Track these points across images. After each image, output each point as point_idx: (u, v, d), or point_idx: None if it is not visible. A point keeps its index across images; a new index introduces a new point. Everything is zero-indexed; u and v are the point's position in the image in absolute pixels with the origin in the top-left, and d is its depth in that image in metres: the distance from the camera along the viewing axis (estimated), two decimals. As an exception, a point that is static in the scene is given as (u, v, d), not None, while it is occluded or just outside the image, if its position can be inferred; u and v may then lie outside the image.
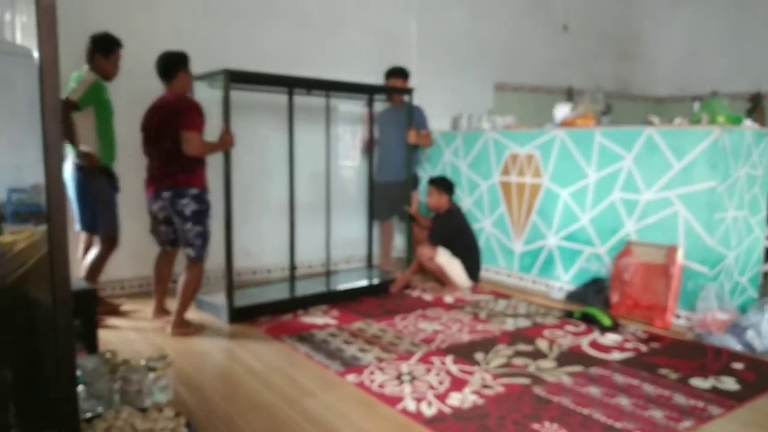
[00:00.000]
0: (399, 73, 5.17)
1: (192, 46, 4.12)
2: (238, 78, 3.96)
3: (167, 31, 4.55)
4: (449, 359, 3.18)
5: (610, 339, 3.55)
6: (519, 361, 3.18)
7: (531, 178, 4.84)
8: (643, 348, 3.41)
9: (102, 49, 3.76)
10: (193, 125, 3.50)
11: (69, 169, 3.70)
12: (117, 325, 3.81)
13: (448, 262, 4.67)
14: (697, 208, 3.79)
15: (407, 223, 5.14)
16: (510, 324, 3.84)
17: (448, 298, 4.46)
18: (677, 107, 7.16)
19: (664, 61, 8.07)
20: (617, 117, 6.14)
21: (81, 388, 2.41)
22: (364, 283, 4.77)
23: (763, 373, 3.03)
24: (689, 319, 3.79)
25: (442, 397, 2.70)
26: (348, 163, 5.67)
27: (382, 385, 2.83)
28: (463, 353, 3.28)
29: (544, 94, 6.91)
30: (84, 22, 3.96)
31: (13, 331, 1.79)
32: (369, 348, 3.36)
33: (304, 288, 4.51)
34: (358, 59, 5.55)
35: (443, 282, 4.75)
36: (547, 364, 3.14)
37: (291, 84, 4.52)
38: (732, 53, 7.33)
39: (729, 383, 2.89)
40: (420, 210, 5.20)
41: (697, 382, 2.90)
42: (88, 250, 3.92)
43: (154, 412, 2.33)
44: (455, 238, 4.78)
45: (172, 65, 3.62)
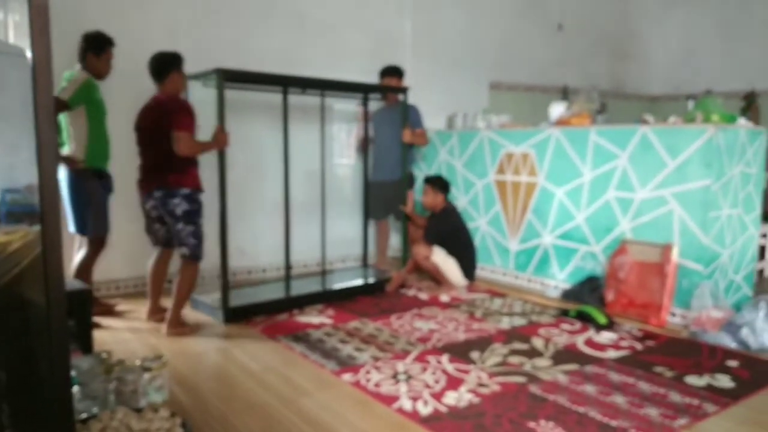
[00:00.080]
0: (393, 72, 5.16)
1: (187, 46, 4.11)
2: (232, 77, 3.95)
3: (162, 30, 4.54)
4: (445, 358, 3.18)
5: (606, 337, 3.56)
6: (515, 359, 3.18)
7: (526, 177, 4.85)
8: (638, 346, 3.42)
9: (94, 48, 3.74)
10: (183, 125, 3.51)
11: (62, 171, 3.68)
12: (112, 325, 3.80)
13: (443, 261, 4.67)
14: (691, 206, 3.80)
15: (403, 222, 5.14)
16: (506, 323, 3.84)
17: (444, 297, 4.47)
18: (672, 106, 7.18)
19: (658, 60, 8.09)
20: (612, 116, 6.14)
21: (76, 388, 2.40)
22: (359, 282, 4.77)
23: (757, 371, 3.04)
24: (684, 317, 3.80)
25: (438, 396, 2.70)
26: (343, 162, 5.67)
27: (378, 385, 2.83)
28: (459, 352, 3.28)
29: (539, 93, 6.93)
30: (77, 21, 3.94)
31: (7, 332, 1.78)
32: (365, 347, 3.36)
33: (300, 287, 4.51)
34: (354, 59, 5.55)
35: (439, 281, 4.75)
36: (543, 362, 3.14)
37: (285, 83, 4.51)
38: (726, 52, 7.36)
39: (724, 381, 2.91)
40: (416, 209, 5.20)
41: (692, 380, 2.91)
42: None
43: (150, 413, 2.32)
44: (451, 237, 4.78)
45: (164, 66, 3.62)
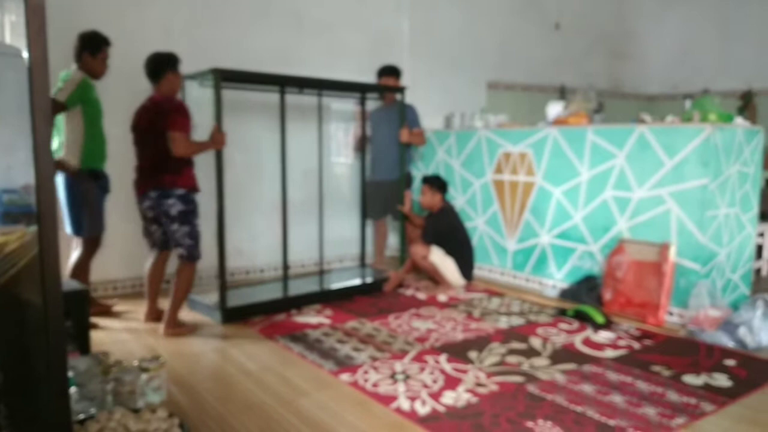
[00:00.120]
0: (391, 71, 5.16)
1: (184, 46, 4.11)
2: (229, 77, 3.95)
3: (159, 30, 4.54)
4: (443, 358, 3.18)
5: (603, 336, 3.56)
6: (513, 359, 3.18)
7: (524, 177, 4.85)
8: (636, 345, 3.42)
9: (90, 48, 3.72)
10: (178, 126, 3.51)
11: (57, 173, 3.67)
12: (109, 326, 3.79)
13: (441, 260, 4.67)
14: (689, 205, 3.81)
15: (400, 222, 5.14)
16: (503, 322, 3.85)
17: (442, 297, 4.47)
18: (669, 105, 7.20)
19: (655, 59, 8.10)
20: (609, 115, 6.15)
21: (73, 389, 2.40)
22: (357, 282, 4.76)
23: (755, 370, 3.04)
24: (682, 316, 3.81)
25: (436, 396, 2.70)
26: (341, 161, 5.66)
27: (376, 384, 2.83)
28: (457, 352, 3.28)
29: (536, 93, 6.94)
30: (73, 21, 3.93)
31: (5, 332, 1.78)
32: (363, 347, 3.36)
33: (297, 287, 4.50)
34: (351, 58, 5.55)
35: (437, 281, 4.76)
36: (541, 362, 3.15)
37: (282, 83, 4.50)
38: (723, 51, 7.37)
39: (721, 380, 2.91)
40: (413, 209, 5.20)
41: (690, 379, 2.91)
42: None
43: (147, 413, 2.32)
44: (448, 236, 4.78)
45: (160, 66, 3.63)
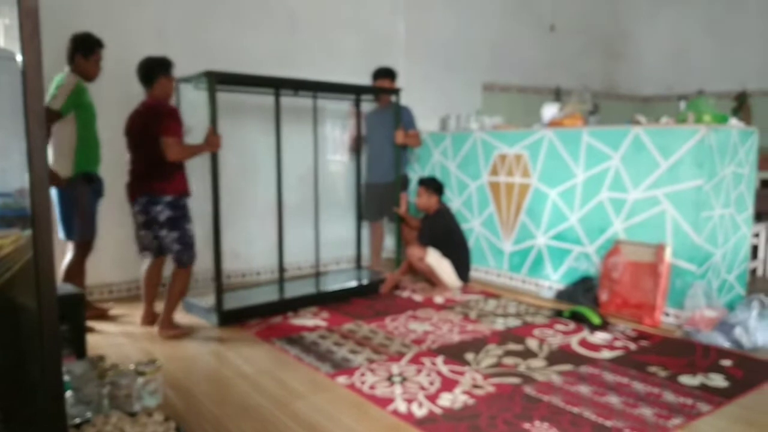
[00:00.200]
0: (386, 73, 5.16)
1: (178, 48, 4.11)
2: (223, 79, 3.95)
3: (153, 32, 4.52)
4: (440, 360, 3.18)
5: (600, 337, 3.57)
6: (509, 360, 3.18)
7: (519, 178, 4.85)
8: (632, 346, 3.43)
9: (82, 50, 3.70)
10: (170, 131, 3.52)
11: None
12: (105, 329, 3.78)
13: (438, 262, 4.67)
14: (684, 206, 3.81)
15: (396, 224, 5.14)
16: (500, 324, 3.85)
17: (438, 299, 4.47)
18: (664, 106, 7.21)
19: (650, 60, 8.12)
20: (604, 116, 6.16)
21: (69, 393, 2.39)
22: (353, 284, 4.76)
23: (750, 370, 3.05)
24: (678, 316, 3.81)
25: (433, 398, 2.70)
26: (337, 162, 5.64)
27: (372, 387, 2.83)
28: (454, 353, 3.28)
29: (531, 95, 6.94)
30: (68, 24, 3.89)
31: (0, 337, 1.77)
32: (359, 349, 3.36)
33: (294, 290, 4.50)
34: (347, 60, 5.55)
35: (433, 282, 4.75)
36: (537, 363, 3.15)
37: (277, 85, 4.51)
38: (718, 52, 7.40)
39: (717, 380, 2.92)
40: (409, 210, 5.20)
41: (686, 380, 2.91)
42: None
43: (144, 417, 2.32)
44: (445, 238, 4.78)
45: (152, 71, 3.64)
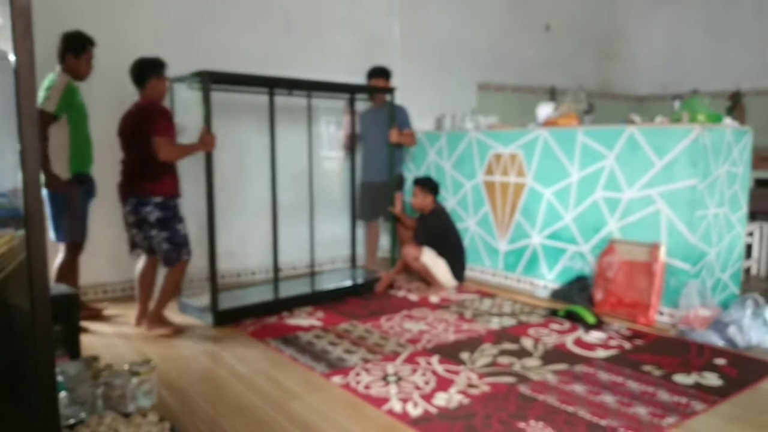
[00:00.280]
0: (381, 72, 5.16)
1: (173, 48, 4.10)
2: (218, 79, 3.94)
3: (147, 32, 4.50)
4: (435, 359, 3.18)
5: (595, 337, 3.57)
6: (504, 360, 3.19)
7: (515, 178, 4.86)
8: (626, 345, 3.43)
9: (73, 49, 3.68)
10: (162, 131, 3.53)
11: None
12: (100, 330, 3.77)
13: (433, 261, 4.67)
14: (678, 205, 3.82)
15: (391, 224, 5.14)
16: (495, 323, 3.85)
17: (434, 298, 4.47)
18: (658, 106, 7.23)
19: (645, 60, 8.14)
20: (599, 116, 6.18)
21: (63, 393, 2.38)
22: (348, 283, 4.76)
23: (744, 369, 3.06)
24: (672, 315, 3.82)
25: (428, 398, 2.70)
26: (332, 161, 5.62)
27: (368, 387, 2.83)
28: (449, 353, 3.28)
29: (527, 94, 6.95)
30: (61, 23, 3.85)
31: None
32: (355, 349, 3.36)
33: (289, 289, 4.50)
34: (342, 60, 5.54)
35: (429, 282, 4.76)
36: (533, 362, 3.15)
37: (271, 84, 4.50)
38: (712, 52, 7.41)
39: (712, 379, 2.92)
40: (405, 210, 5.20)
41: (681, 379, 2.92)
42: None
43: (138, 417, 2.31)
44: (440, 238, 4.78)
45: (144, 72, 3.64)
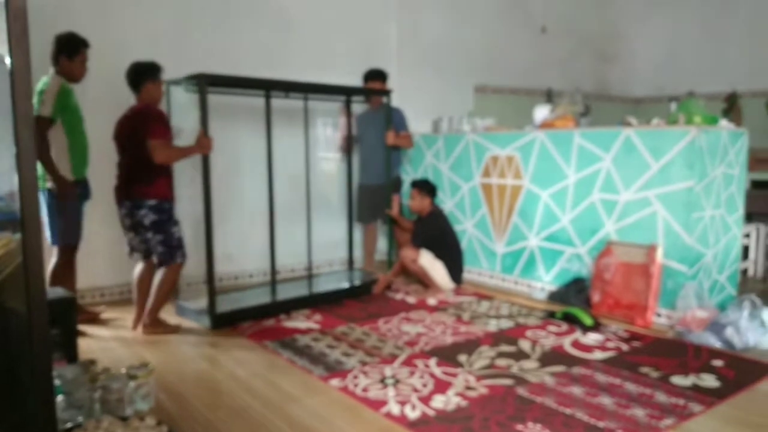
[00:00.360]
0: (377, 75, 5.16)
1: (169, 51, 4.09)
2: (214, 82, 3.94)
3: (144, 34, 4.49)
4: (433, 362, 3.18)
5: (592, 338, 3.58)
6: (502, 362, 3.19)
7: (512, 180, 4.86)
8: (624, 347, 3.44)
9: (67, 51, 3.66)
10: (157, 134, 3.55)
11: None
12: (97, 333, 3.76)
13: (431, 264, 4.67)
14: (675, 207, 3.83)
15: (389, 226, 5.14)
16: (493, 325, 3.85)
17: (431, 301, 4.47)
18: (655, 108, 7.25)
19: (641, 62, 8.16)
20: (596, 118, 6.18)
21: (61, 397, 2.38)
22: (346, 285, 4.75)
23: (742, 370, 3.06)
24: (669, 317, 3.83)
25: (426, 400, 2.70)
26: (329, 163, 5.61)
27: (365, 389, 2.83)
28: (447, 355, 3.28)
29: (523, 96, 6.96)
30: (57, 26, 3.83)
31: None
32: (352, 352, 3.35)
33: (286, 292, 4.50)
34: (339, 62, 5.54)
35: (426, 284, 4.75)
36: (530, 364, 3.15)
37: (268, 87, 4.50)
38: (708, 54, 7.43)
39: (709, 380, 2.93)
40: (402, 212, 5.20)
41: (678, 380, 2.92)
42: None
43: (136, 421, 2.31)
44: (438, 240, 4.78)
45: (139, 76, 3.66)
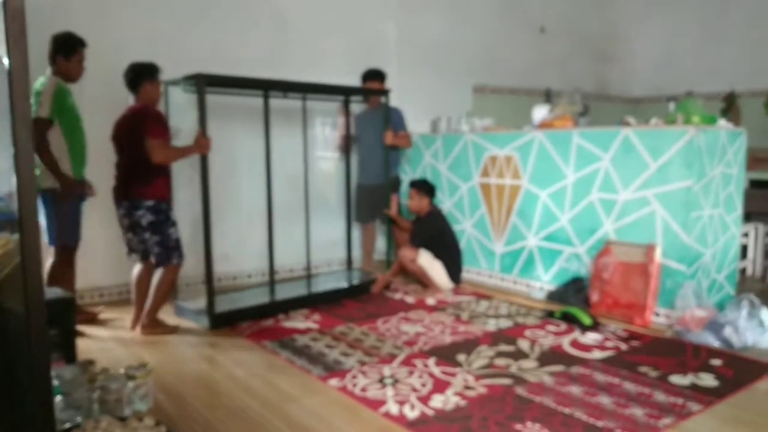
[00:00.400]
0: (375, 75, 5.16)
1: (168, 51, 4.08)
2: (212, 82, 3.94)
3: (142, 35, 4.49)
4: (431, 361, 3.19)
5: (591, 338, 3.58)
6: (501, 361, 3.19)
7: (510, 180, 4.87)
8: (623, 346, 3.44)
9: (63, 50, 3.66)
10: (155, 133, 3.56)
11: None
12: (96, 333, 3.76)
13: (430, 263, 4.67)
14: (673, 207, 3.83)
15: (387, 226, 5.14)
16: (492, 325, 3.85)
17: (430, 300, 4.47)
18: (653, 108, 7.25)
19: (640, 62, 8.16)
20: (595, 118, 6.19)
21: (59, 398, 2.37)
22: (344, 285, 4.75)
23: (740, 369, 3.07)
24: (668, 316, 3.83)
25: (425, 400, 2.70)
26: (327, 163, 5.61)
27: (364, 389, 2.83)
28: (446, 355, 3.28)
29: (522, 96, 6.96)
30: (55, 26, 3.83)
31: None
32: (351, 352, 3.35)
33: (285, 292, 4.49)
34: (338, 63, 5.54)
35: (425, 284, 4.76)
36: (529, 364, 3.15)
37: (266, 87, 4.50)
38: (707, 54, 7.44)
39: (708, 380, 2.93)
40: (401, 212, 5.20)
41: (677, 379, 2.93)
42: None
43: (134, 421, 2.31)
44: (437, 240, 4.78)
45: (137, 77, 3.67)
